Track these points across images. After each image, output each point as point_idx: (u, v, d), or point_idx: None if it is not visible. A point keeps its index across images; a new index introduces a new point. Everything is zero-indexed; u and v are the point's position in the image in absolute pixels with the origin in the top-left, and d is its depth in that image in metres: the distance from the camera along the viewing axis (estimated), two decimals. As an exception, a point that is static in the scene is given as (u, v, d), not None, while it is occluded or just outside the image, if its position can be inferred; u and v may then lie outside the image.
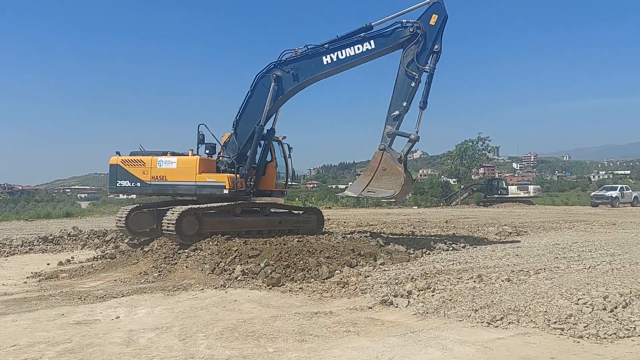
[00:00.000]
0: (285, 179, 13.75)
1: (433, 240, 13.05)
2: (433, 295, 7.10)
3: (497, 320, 5.91)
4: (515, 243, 13.63)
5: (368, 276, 8.58)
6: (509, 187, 48.17)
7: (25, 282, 9.21)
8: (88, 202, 53.14)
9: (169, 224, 10.72)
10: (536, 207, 40.49)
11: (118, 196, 36.46)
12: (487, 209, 38.65)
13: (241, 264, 9.11)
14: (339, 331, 5.74)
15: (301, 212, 13.64)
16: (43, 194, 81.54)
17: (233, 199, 11.82)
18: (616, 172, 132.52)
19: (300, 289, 7.98)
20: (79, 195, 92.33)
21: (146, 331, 5.78)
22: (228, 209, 11.67)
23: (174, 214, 10.77)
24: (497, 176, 78.55)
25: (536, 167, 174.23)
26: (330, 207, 36.29)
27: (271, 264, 8.92)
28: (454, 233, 16.29)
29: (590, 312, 6.04)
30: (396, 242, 12.15)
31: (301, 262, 9.18)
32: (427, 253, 11.30)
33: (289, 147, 13.78)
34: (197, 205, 11.31)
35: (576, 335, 5.38)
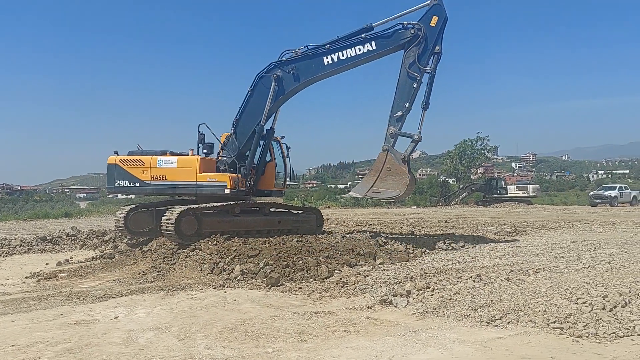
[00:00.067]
0: (284, 179, 13.76)
1: (432, 240, 13.04)
2: (432, 295, 7.10)
3: (497, 320, 5.91)
4: (515, 242, 13.62)
5: (367, 276, 8.58)
6: (508, 186, 48.15)
7: (24, 282, 9.20)
8: (87, 202, 53.18)
9: (168, 223, 10.71)
10: (535, 207, 40.46)
11: (117, 196, 36.48)
12: (486, 208, 38.65)
13: (240, 264, 9.09)
14: (338, 331, 5.73)
15: (300, 212, 13.66)
16: (42, 194, 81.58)
17: (234, 198, 11.82)
18: (615, 171, 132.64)
19: (299, 288, 7.97)
20: (77, 195, 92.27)
21: (145, 331, 5.77)
22: (227, 208, 11.67)
23: (173, 213, 10.76)
24: (496, 176, 78.60)
25: (535, 167, 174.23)
26: (329, 207, 36.36)
27: (270, 264, 8.90)
28: (453, 233, 16.29)
29: (589, 312, 6.03)
30: (395, 241, 12.14)
31: (300, 261, 9.18)
32: (426, 253, 11.29)
33: (287, 146, 13.82)
34: (196, 205, 11.30)
35: (575, 335, 5.38)
